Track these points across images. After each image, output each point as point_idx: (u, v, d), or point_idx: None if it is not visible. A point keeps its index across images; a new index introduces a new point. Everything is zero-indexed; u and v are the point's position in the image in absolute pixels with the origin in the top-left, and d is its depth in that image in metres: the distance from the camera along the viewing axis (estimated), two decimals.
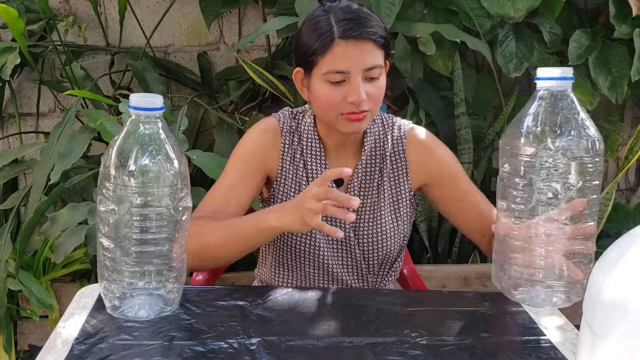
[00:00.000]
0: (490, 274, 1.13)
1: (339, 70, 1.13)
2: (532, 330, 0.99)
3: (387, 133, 1.28)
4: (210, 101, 2.31)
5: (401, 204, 1.28)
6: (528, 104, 1.02)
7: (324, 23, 1.14)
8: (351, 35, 1.12)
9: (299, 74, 1.20)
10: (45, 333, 2.01)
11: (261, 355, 0.89)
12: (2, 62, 1.93)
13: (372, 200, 1.27)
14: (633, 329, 0.65)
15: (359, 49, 1.13)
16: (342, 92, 1.14)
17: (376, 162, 1.27)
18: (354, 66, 1.13)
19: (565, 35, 2.12)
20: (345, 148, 1.27)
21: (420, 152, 1.27)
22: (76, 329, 0.95)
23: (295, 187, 1.26)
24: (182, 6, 2.32)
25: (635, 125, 2.46)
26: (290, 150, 1.26)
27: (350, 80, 1.13)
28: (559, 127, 0.98)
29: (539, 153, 0.98)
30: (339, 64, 1.13)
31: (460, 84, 2.04)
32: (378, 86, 1.16)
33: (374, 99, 1.16)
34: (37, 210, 1.69)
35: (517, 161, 1.01)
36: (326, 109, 1.17)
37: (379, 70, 1.15)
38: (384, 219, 1.26)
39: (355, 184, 1.26)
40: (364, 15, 1.15)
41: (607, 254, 0.71)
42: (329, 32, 1.13)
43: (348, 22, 1.13)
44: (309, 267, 1.27)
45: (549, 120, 0.98)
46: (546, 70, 1.00)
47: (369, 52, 1.13)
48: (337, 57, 1.13)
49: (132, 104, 0.94)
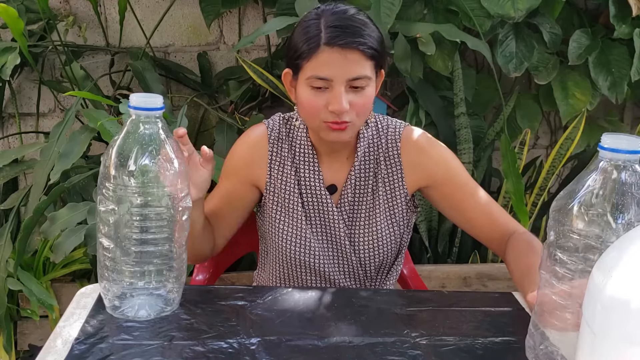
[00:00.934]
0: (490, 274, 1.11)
1: (321, 77, 1.11)
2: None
3: (381, 136, 1.25)
4: (210, 101, 2.31)
5: (397, 208, 1.25)
6: (586, 174, 0.86)
7: (313, 27, 1.12)
8: (336, 43, 1.09)
9: (288, 75, 1.19)
10: (45, 333, 2.01)
11: (261, 355, 0.89)
12: (2, 62, 1.93)
13: (367, 206, 1.25)
14: (633, 329, 0.65)
15: (344, 57, 1.09)
16: (325, 100, 1.11)
17: (370, 166, 1.25)
18: (337, 75, 1.10)
19: (565, 35, 2.12)
20: (338, 153, 1.24)
21: (414, 154, 1.24)
22: (76, 329, 0.95)
23: (285, 195, 1.24)
24: (182, 6, 2.32)
25: (636, 125, 2.47)
26: (279, 159, 1.24)
27: (333, 88, 1.11)
28: (623, 205, 0.83)
29: (597, 232, 0.84)
30: (322, 71, 1.10)
31: (460, 84, 2.04)
32: (363, 97, 1.13)
33: (358, 110, 1.13)
34: (36, 210, 1.68)
35: (568, 236, 0.87)
36: (309, 115, 1.15)
37: (365, 81, 1.12)
38: (380, 224, 1.24)
39: (349, 189, 1.24)
40: (356, 24, 1.11)
41: (607, 254, 0.71)
42: (315, 38, 1.10)
43: (335, 29, 1.10)
44: (305, 275, 1.27)
45: (611, 196, 0.83)
46: (613, 140, 0.83)
47: (354, 62, 1.10)
48: (321, 63, 1.10)
49: (132, 104, 0.94)
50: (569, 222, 0.85)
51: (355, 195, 1.25)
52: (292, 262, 1.26)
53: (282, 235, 1.24)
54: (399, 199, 1.25)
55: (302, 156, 1.24)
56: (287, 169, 1.24)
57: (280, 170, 1.24)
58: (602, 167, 0.84)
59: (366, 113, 1.16)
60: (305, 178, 1.24)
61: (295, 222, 1.24)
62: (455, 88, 2.05)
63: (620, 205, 0.82)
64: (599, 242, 0.82)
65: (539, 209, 2.18)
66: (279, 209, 1.25)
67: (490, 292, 1.13)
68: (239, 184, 1.26)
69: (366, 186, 1.25)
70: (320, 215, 1.24)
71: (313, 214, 1.24)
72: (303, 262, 1.25)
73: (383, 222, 1.25)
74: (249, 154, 1.26)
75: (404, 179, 1.25)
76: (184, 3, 2.31)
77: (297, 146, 1.24)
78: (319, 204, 1.24)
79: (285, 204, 1.24)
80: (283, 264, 1.27)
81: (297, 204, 1.24)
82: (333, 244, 1.25)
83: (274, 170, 1.24)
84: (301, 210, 1.24)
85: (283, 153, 1.25)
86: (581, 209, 0.83)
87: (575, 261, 0.85)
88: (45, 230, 1.71)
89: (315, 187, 1.23)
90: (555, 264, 0.87)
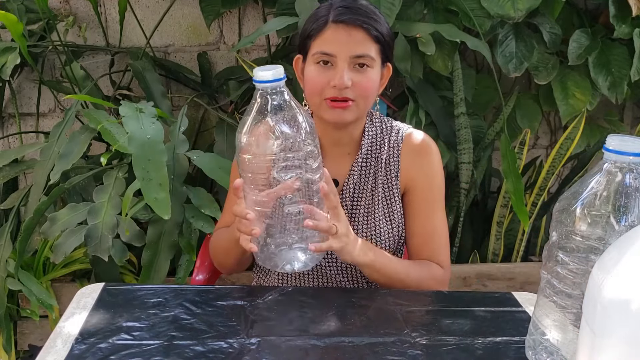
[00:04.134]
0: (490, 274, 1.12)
1: (325, 52, 1.15)
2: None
3: (385, 136, 1.27)
4: (210, 101, 2.31)
5: (394, 207, 1.27)
6: (590, 175, 0.85)
7: (324, 9, 1.18)
8: (341, 20, 1.14)
9: (298, 61, 1.23)
10: (45, 333, 2.01)
11: (261, 355, 0.89)
12: (2, 62, 1.93)
13: (365, 203, 1.26)
14: (633, 329, 0.65)
15: (348, 34, 1.14)
16: (328, 76, 1.15)
17: (371, 164, 1.27)
18: (341, 51, 1.14)
19: (565, 35, 2.12)
20: (341, 147, 1.26)
21: (411, 157, 1.27)
22: (76, 329, 0.95)
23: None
24: (182, 6, 2.32)
25: (635, 125, 2.47)
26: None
27: (337, 64, 1.14)
28: (626, 207, 0.82)
29: (600, 233, 0.83)
30: (326, 46, 1.15)
31: (460, 84, 2.04)
32: (367, 77, 1.16)
33: (361, 90, 1.15)
34: (37, 210, 1.68)
35: (571, 237, 0.86)
36: (312, 92, 1.18)
37: (369, 60, 1.15)
38: (378, 222, 1.25)
39: (350, 185, 1.26)
40: (364, 8, 1.16)
41: (607, 254, 0.71)
42: (324, 17, 1.16)
43: (343, 8, 1.15)
44: (303, 272, 1.27)
45: (615, 198, 0.82)
46: (619, 142, 0.82)
47: (358, 40, 1.14)
48: (326, 39, 1.15)
49: (257, 79, 0.97)
50: (572, 223, 0.85)
51: (355, 191, 1.26)
52: None
53: None
54: (395, 198, 1.27)
55: None
56: None
57: None
58: (606, 168, 0.83)
59: (369, 96, 1.18)
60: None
61: None
62: (455, 88, 2.05)
63: (624, 207, 0.82)
64: (602, 244, 0.82)
65: (538, 209, 2.18)
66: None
67: (490, 292, 1.13)
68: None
69: (366, 183, 1.26)
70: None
71: None
72: None
73: (381, 220, 1.25)
74: None
75: (398, 180, 1.27)
76: (184, 3, 2.31)
77: None
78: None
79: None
80: None
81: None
82: None
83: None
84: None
85: None
86: (584, 211, 0.83)
87: (577, 262, 0.85)
88: (46, 231, 1.72)
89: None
90: (557, 264, 0.87)
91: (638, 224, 0.81)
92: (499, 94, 2.01)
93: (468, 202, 2.19)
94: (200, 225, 1.70)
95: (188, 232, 1.75)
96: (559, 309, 0.87)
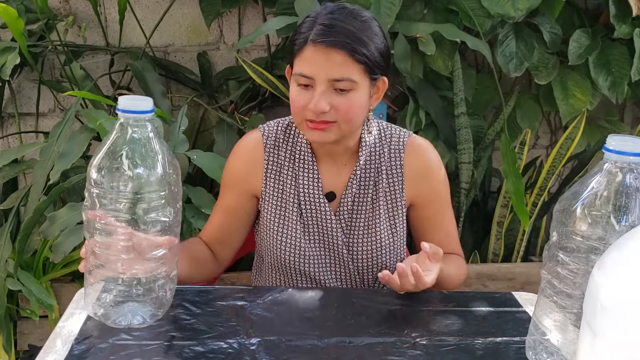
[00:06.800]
0: (490, 274, 1.12)
1: (303, 74, 1.10)
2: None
3: (384, 144, 1.23)
4: (210, 101, 2.31)
5: (397, 218, 1.24)
6: (590, 175, 0.86)
7: (308, 23, 1.11)
8: (318, 40, 1.08)
9: (289, 71, 1.19)
10: (45, 333, 2.01)
11: (261, 355, 0.89)
12: (2, 62, 1.93)
13: (366, 215, 1.23)
14: (633, 329, 0.65)
15: (326, 56, 1.08)
16: (307, 99, 1.10)
17: (371, 174, 1.23)
18: (318, 73, 1.09)
19: (566, 35, 2.12)
20: (337, 158, 1.23)
21: (418, 170, 1.24)
22: (76, 329, 0.95)
23: (282, 202, 1.23)
24: (182, 6, 2.32)
25: (636, 125, 2.46)
26: (276, 165, 1.24)
27: (315, 87, 1.10)
28: (626, 207, 0.82)
29: (600, 233, 0.84)
30: (304, 68, 1.10)
31: (460, 84, 2.04)
32: (349, 100, 1.10)
33: (342, 113, 1.10)
34: (36, 210, 1.68)
35: (571, 237, 0.86)
36: (294, 112, 1.15)
37: (349, 84, 1.09)
38: (380, 234, 1.23)
39: (349, 197, 1.23)
40: (350, 26, 1.08)
41: (607, 254, 0.71)
42: (305, 34, 1.10)
43: (324, 27, 1.08)
44: (301, 281, 1.27)
45: (615, 198, 0.82)
46: (619, 142, 0.82)
47: (337, 63, 1.08)
48: (305, 60, 1.10)
49: (120, 107, 0.92)
50: (572, 223, 0.85)
51: (354, 203, 1.23)
52: (287, 269, 1.25)
53: (277, 242, 1.23)
54: (399, 209, 1.24)
55: (301, 160, 1.23)
56: (285, 175, 1.23)
57: (278, 177, 1.24)
58: (606, 169, 0.83)
59: (352, 118, 1.13)
60: (304, 184, 1.22)
61: (290, 229, 1.23)
62: (455, 88, 2.04)
63: (624, 207, 0.82)
64: (602, 244, 0.82)
65: (539, 209, 2.18)
66: (275, 215, 1.24)
67: (490, 292, 1.13)
68: (238, 196, 1.26)
69: (366, 195, 1.23)
70: (318, 222, 1.23)
71: (310, 221, 1.23)
72: (298, 269, 1.24)
73: (384, 232, 1.23)
74: (244, 165, 1.25)
75: (403, 191, 1.24)
76: (184, 3, 2.31)
77: (297, 149, 1.23)
78: (317, 212, 1.23)
79: (282, 211, 1.23)
80: (278, 269, 1.27)
81: (294, 210, 1.23)
82: (330, 252, 1.24)
83: (270, 178, 1.24)
84: (298, 216, 1.23)
85: (281, 158, 1.24)
86: (584, 211, 0.83)
87: (577, 262, 0.85)
88: (45, 230, 1.71)
89: (314, 194, 1.22)
90: (557, 265, 0.87)
91: (638, 224, 0.81)
92: (499, 94, 2.01)
93: (468, 202, 2.19)
94: (201, 225, 1.70)
95: (188, 232, 1.75)
96: (560, 309, 0.88)
